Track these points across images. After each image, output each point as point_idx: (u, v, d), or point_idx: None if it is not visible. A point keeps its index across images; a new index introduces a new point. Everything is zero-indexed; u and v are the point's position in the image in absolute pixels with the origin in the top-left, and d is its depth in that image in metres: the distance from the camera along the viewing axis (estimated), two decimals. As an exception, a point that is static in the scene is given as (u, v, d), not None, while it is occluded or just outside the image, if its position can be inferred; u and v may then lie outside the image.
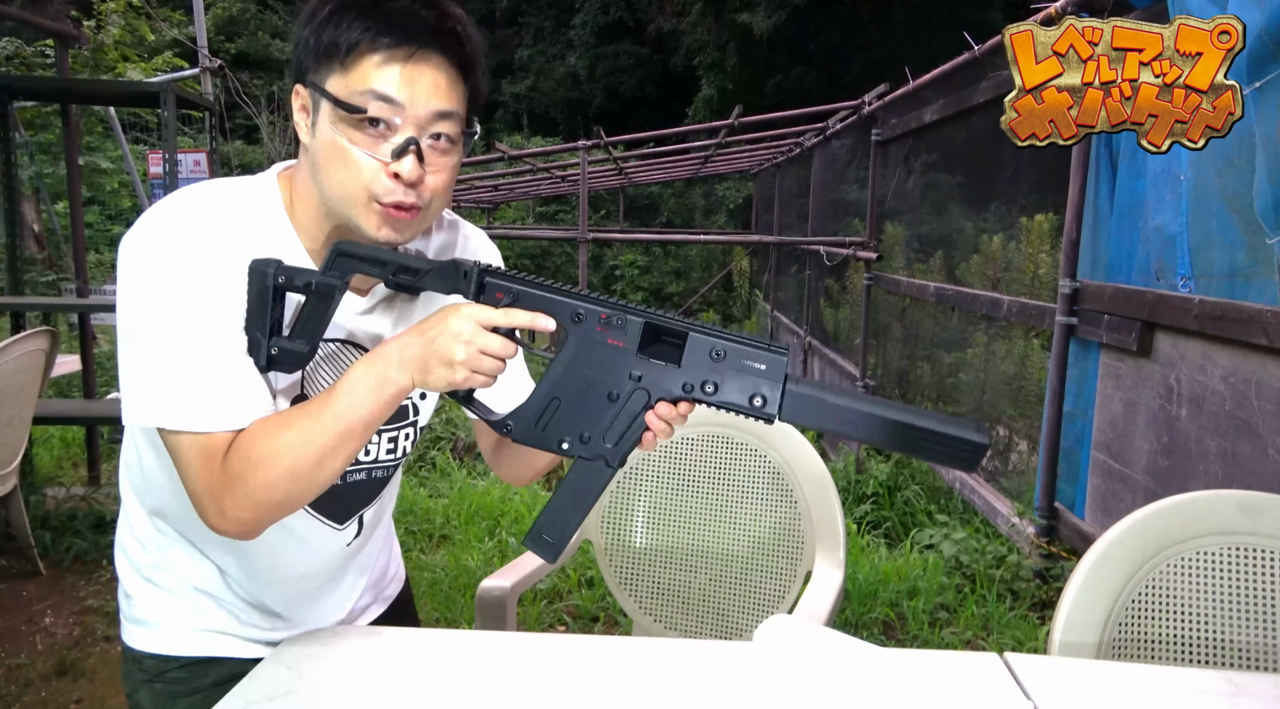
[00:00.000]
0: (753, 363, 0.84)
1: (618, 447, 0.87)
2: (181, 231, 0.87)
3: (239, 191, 0.94)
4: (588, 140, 6.14)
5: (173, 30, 7.54)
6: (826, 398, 0.84)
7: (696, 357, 0.85)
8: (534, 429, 0.88)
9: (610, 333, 0.86)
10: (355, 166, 0.87)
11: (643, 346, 0.86)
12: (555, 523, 0.90)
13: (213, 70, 5.63)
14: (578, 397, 0.87)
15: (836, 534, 1.59)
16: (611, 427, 0.87)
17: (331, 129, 0.87)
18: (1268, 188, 1.96)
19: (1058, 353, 2.89)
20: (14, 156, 3.78)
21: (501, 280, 0.88)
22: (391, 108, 0.86)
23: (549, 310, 0.87)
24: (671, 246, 12.96)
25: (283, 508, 0.89)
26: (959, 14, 10.64)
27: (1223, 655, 1.22)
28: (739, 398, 0.84)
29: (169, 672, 1.04)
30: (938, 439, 0.81)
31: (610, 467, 0.88)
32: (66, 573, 3.23)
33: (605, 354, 0.87)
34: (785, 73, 14.70)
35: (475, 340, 0.84)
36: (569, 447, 0.88)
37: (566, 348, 0.88)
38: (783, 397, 0.84)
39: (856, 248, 5.32)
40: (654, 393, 0.86)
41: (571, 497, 0.89)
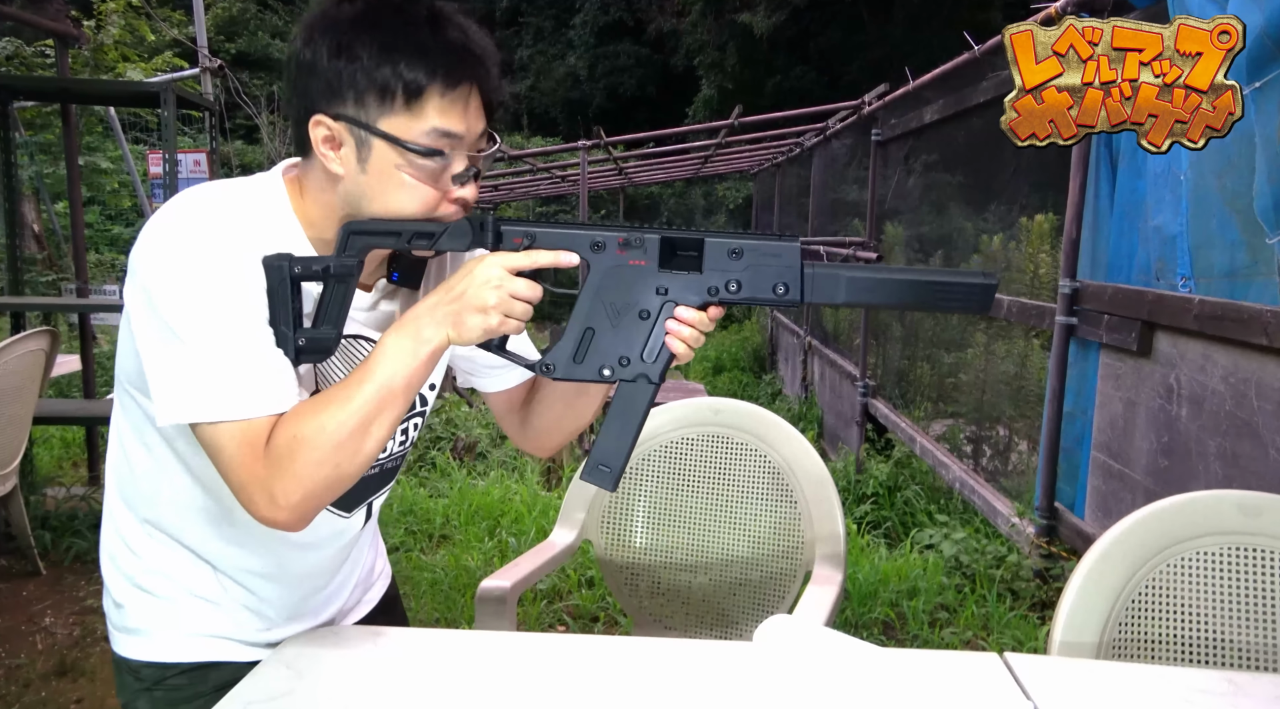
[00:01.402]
0: (769, 255, 0.88)
1: (657, 361, 0.90)
2: (199, 233, 0.88)
3: (246, 192, 0.94)
4: (588, 140, 6.14)
5: (173, 30, 7.53)
6: (841, 273, 0.88)
7: (716, 260, 0.89)
8: (573, 364, 0.91)
9: (630, 254, 0.90)
10: (419, 198, 0.90)
11: (663, 262, 0.90)
12: (610, 450, 0.92)
13: (213, 70, 5.63)
14: (610, 322, 0.90)
15: (836, 534, 1.59)
16: (647, 344, 0.90)
17: (395, 167, 0.89)
18: (1267, 188, 1.96)
19: (1058, 353, 2.89)
20: (14, 156, 3.78)
21: (517, 226, 0.92)
22: (454, 142, 0.89)
23: (568, 245, 0.90)
24: (671, 246, 12.93)
25: (332, 485, 0.89)
26: (959, 14, 10.66)
27: (1222, 655, 1.22)
28: (764, 290, 0.88)
29: (169, 679, 1.03)
30: (951, 289, 0.87)
31: (652, 383, 0.90)
32: (66, 573, 3.23)
33: (629, 275, 0.90)
34: (785, 73, 14.71)
35: (505, 285, 0.87)
36: (611, 372, 0.90)
37: (591, 278, 0.90)
38: (803, 279, 0.87)
39: (856, 248, 5.32)
40: (682, 302, 0.89)
41: (620, 421, 0.92)
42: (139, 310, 0.88)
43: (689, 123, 13.88)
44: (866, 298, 0.88)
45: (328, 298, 0.92)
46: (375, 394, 0.87)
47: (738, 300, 0.89)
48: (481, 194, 8.17)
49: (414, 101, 0.87)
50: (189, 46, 6.16)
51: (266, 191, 0.95)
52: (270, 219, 0.94)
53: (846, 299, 0.88)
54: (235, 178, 0.98)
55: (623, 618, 2.93)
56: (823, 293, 0.88)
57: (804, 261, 0.88)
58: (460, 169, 0.91)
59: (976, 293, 0.86)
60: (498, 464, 4.65)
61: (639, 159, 8.98)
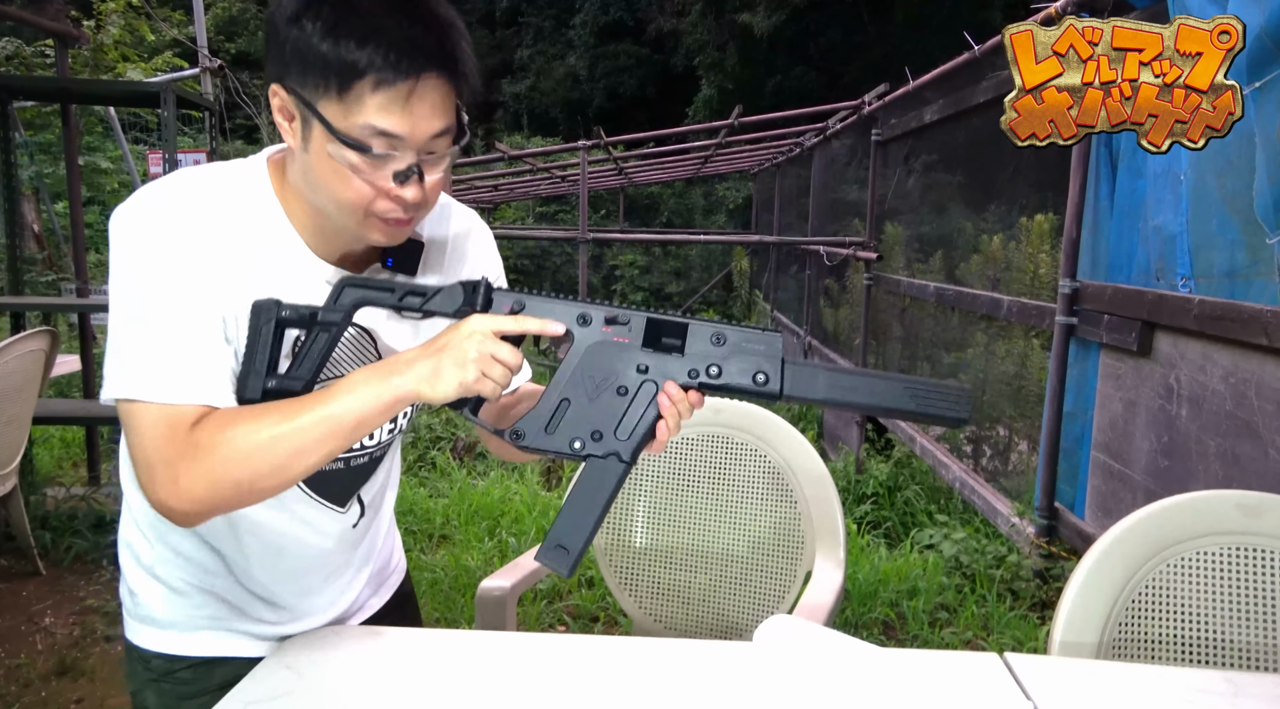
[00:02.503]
0: (752, 344, 0.88)
1: (630, 439, 0.88)
2: (169, 210, 0.87)
3: (229, 175, 0.93)
4: (588, 140, 6.14)
5: (173, 30, 7.53)
6: (820, 372, 0.89)
7: (698, 344, 0.89)
8: (544, 434, 0.89)
9: (615, 330, 0.89)
10: (355, 190, 0.86)
11: (647, 342, 0.89)
12: (572, 531, 0.88)
13: (213, 70, 5.63)
14: (588, 395, 0.88)
15: (836, 534, 1.59)
16: (622, 421, 0.88)
17: (328, 151, 0.85)
18: (1267, 188, 1.96)
19: (1058, 353, 2.89)
20: (14, 156, 3.78)
21: (508, 295, 0.91)
22: (393, 142, 0.84)
23: (555, 315, 0.90)
24: (671, 247, 12.96)
25: (243, 493, 0.85)
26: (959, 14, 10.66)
27: (1223, 655, 1.22)
28: (743, 378, 0.88)
29: (177, 672, 1.04)
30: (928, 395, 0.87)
31: (624, 462, 0.88)
32: (66, 573, 3.23)
33: (612, 351, 0.89)
34: (785, 73, 14.70)
35: (487, 345, 0.85)
36: (581, 446, 0.88)
37: (573, 349, 0.89)
38: (783, 371, 0.87)
39: (856, 248, 5.32)
40: (661, 382, 0.88)
41: (587, 500, 0.88)
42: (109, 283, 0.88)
43: (689, 123, 13.89)
44: (844, 397, 0.88)
45: (309, 345, 0.90)
46: (322, 422, 0.84)
47: (717, 386, 0.88)
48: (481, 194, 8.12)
49: (347, 92, 0.81)
50: (189, 46, 6.15)
51: (248, 175, 0.94)
52: (250, 202, 0.92)
53: (825, 397, 0.88)
54: (222, 162, 0.97)
55: (623, 618, 2.93)
56: (801, 387, 0.88)
57: (785, 357, 0.88)
58: (401, 167, 0.86)
59: (953, 400, 0.87)
60: (498, 464, 4.65)
61: (639, 159, 8.99)
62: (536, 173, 9.07)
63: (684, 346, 0.89)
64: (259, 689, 0.94)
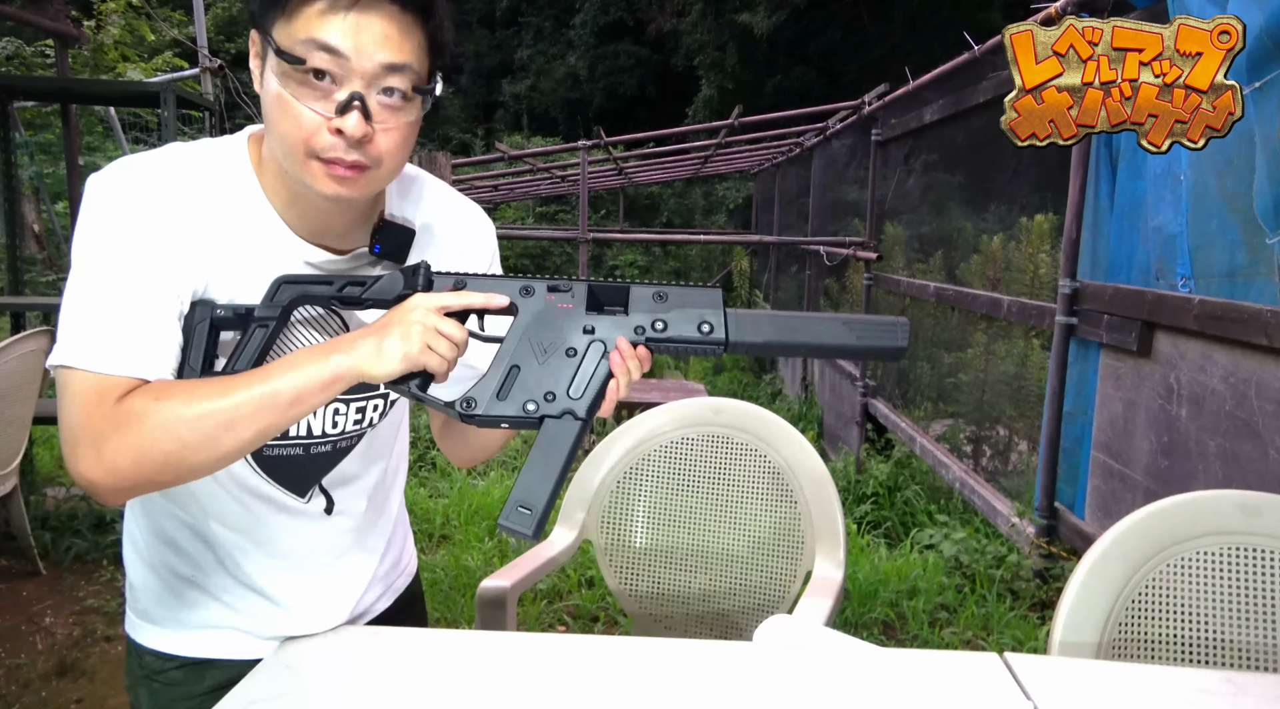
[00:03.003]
0: (694, 297, 0.90)
1: (584, 397, 0.88)
2: (140, 181, 0.87)
3: (209, 152, 0.93)
4: (588, 140, 6.14)
5: (173, 30, 7.53)
6: (763, 315, 0.91)
7: (641, 303, 0.90)
8: (495, 401, 0.88)
9: (559, 298, 0.91)
10: (296, 120, 0.83)
11: (591, 307, 0.91)
12: (533, 490, 0.87)
13: (212, 70, 5.62)
14: (537, 360, 0.89)
15: (836, 534, 1.59)
16: (574, 380, 0.89)
17: (276, 80, 0.83)
18: (1267, 188, 1.96)
19: (1057, 353, 2.89)
20: (14, 156, 3.78)
21: (449, 275, 0.92)
22: (334, 59, 0.81)
23: (498, 290, 0.91)
24: (671, 246, 12.97)
25: (168, 467, 0.82)
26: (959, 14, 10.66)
27: (1223, 655, 1.22)
28: (688, 329, 0.89)
29: (167, 671, 1.04)
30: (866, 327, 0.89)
31: (580, 418, 0.88)
32: (66, 573, 3.23)
33: (558, 317, 0.90)
34: (785, 73, 14.70)
35: (430, 320, 0.85)
36: (535, 407, 0.88)
37: (518, 319, 0.90)
38: (727, 320, 0.89)
39: (856, 248, 5.32)
40: (609, 341, 0.89)
41: (545, 459, 0.87)
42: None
43: (689, 123, 13.89)
44: (788, 338, 0.89)
45: (244, 343, 0.88)
46: (258, 396, 0.82)
47: (664, 340, 0.89)
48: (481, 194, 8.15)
49: (293, 4, 0.80)
50: (189, 46, 6.15)
51: (228, 151, 0.93)
52: (226, 179, 0.91)
53: (769, 339, 0.89)
54: (206, 139, 0.96)
55: (623, 618, 2.93)
56: (746, 332, 0.89)
57: (727, 307, 0.90)
58: (344, 97, 0.82)
59: (890, 331, 0.88)
60: (498, 464, 4.65)
61: (639, 159, 8.99)
62: (536, 173, 9.07)
63: (628, 308, 0.90)
64: (259, 689, 0.94)
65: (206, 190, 0.89)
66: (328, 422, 1.00)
